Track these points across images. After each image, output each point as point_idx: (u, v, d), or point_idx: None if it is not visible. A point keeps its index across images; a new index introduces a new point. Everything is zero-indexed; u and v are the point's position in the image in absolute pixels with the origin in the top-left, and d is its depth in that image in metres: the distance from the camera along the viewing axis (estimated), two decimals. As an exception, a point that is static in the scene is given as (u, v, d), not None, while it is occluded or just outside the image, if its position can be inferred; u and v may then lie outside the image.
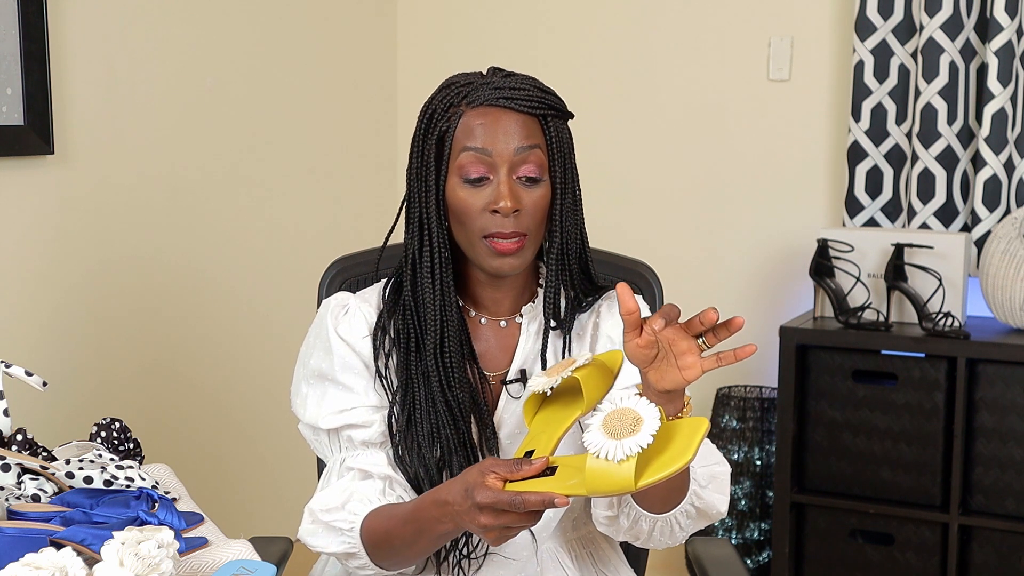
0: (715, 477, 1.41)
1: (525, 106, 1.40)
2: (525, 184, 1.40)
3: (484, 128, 1.39)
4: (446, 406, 1.43)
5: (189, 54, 2.77)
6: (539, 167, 1.41)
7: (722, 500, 1.41)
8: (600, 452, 1.14)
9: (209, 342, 2.88)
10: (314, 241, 3.16)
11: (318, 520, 1.42)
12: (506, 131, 1.39)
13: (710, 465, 1.41)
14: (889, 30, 2.91)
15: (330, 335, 1.47)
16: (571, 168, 1.45)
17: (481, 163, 1.39)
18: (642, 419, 1.14)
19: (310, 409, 1.47)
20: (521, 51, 3.37)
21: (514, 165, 1.40)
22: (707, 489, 1.39)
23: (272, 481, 3.08)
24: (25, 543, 1.25)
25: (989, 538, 2.65)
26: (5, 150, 2.30)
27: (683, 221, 3.26)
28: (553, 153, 1.42)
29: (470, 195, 1.40)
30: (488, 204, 1.39)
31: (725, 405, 3.02)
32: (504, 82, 1.42)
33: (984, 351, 2.63)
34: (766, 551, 2.97)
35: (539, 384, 1.32)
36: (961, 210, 2.89)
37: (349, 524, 1.40)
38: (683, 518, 1.39)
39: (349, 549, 1.40)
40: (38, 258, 2.43)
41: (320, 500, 1.43)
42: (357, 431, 1.45)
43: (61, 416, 2.40)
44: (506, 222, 1.39)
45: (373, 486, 1.42)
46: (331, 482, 1.46)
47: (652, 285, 1.72)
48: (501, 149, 1.39)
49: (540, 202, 1.41)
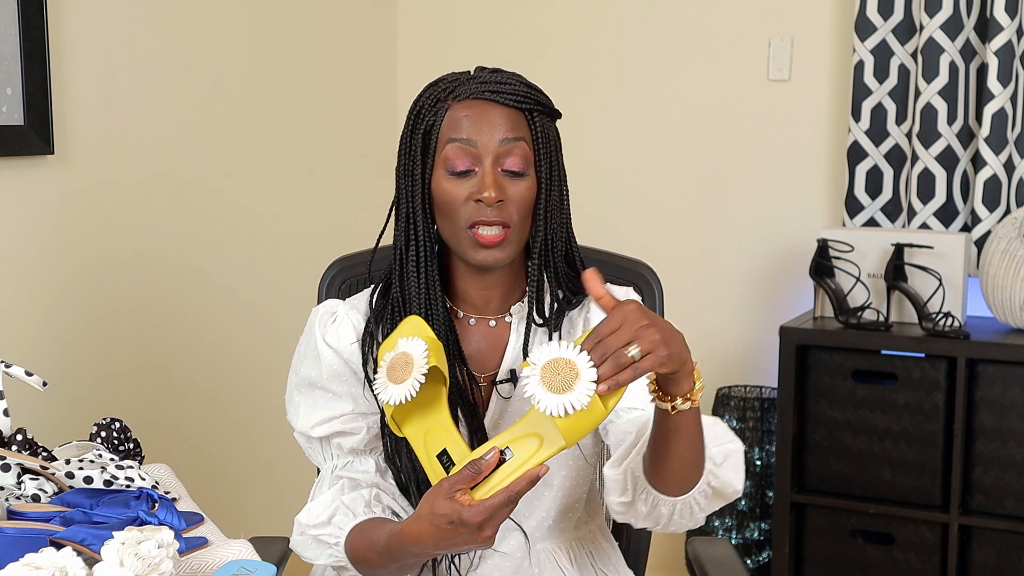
0: (730, 455, 1.39)
1: (511, 99, 1.42)
2: (509, 176, 1.41)
3: (470, 120, 1.41)
4: None
5: (189, 54, 2.77)
6: (524, 160, 1.41)
7: (738, 478, 1.40)
8: (565, 408, 1.16)
9: (209, 342, 2.88)
10: (314, 241, 3.16)
11: (306, 534, 1.45)
12: (491, 123, 1.40)
13: (724, 443, 1.39)
14: (889, 30, 2.91)
15: (318, 344, 1.48)
16: (557, 165, 1.46)
17: (466, 155, 1.40)
18: (574, 363, 1.17)
19: (301, 418, 1.49)
20: (521, 51, 3.37)
21: (499, 156, 1.40)
22: (723, 467, 1.38)
23: (272, 481, 3.08)
24: (25, 543, 1.25)
25: (989, 538, 2.65)
26: (5, 150, 2.30)
27: (683, 221, 3.26)
28: (539, 148, 1.43)
29: (455, 186, 1.41)
30: (472, 194, 1.40)
31: (725, 405, 3.02)
32: (491, 77, 1.44)
33: (984, 351, 2.63)
34: (766, 551, 2.97)
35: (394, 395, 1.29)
36: (961, 210, 2.89)
37: (335, 539, 1.42)
38: (702, 499, 1.38)
39: (337, 562, 1.43)
40: (38, 258, 2.43)
41: (308, 514, 1.45)
42: (345, 439, 1.47)
43: (61, 416, 2.40)
44: (489, 211, 1.39)
45: (360, 497, 1.44)
46: (321, 491, 1.48)
47: (652, 285, 1.72)
48: (486, 140, 1.40)
49: (524, 195, 1.42)
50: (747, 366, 3.19)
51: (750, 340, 3.19)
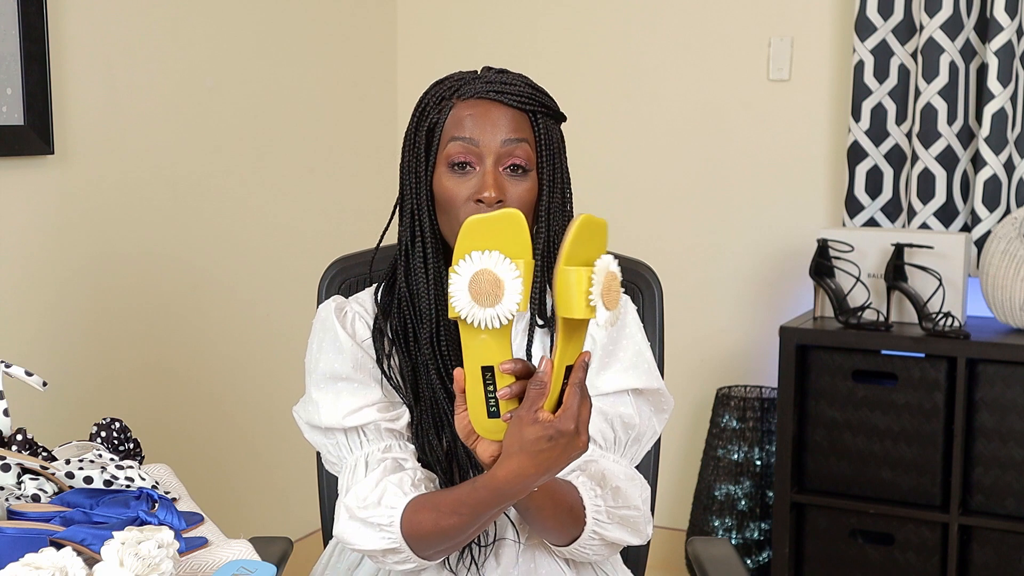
0: (624, 519, 1.43)
1: (515, 100, 1.42)
2: (511, 176, 1.41)
3: (473, 119, 1.41)
4: (446, 394, 1.43)
5: (189, 54, 2.77)
6: (526, 160, 1.42)
7: (628, 536, 1.44)
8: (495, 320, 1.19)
9: (209, 342, 2.88)
10: (314, 241, 3.16)
11: (355, 517, 1.39)
12: (494, 123, 1.41)
13: (621, 507, 1.43)
14: (889, 30, 2.91)
15: (339, 335, 1.46)
16: (560, 168, 1.46)
17: (468, 153, 1.41)
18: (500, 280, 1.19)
19: (324, 413, 1.45)
20: (521, 51, 3.37)
21: (500, 157, 1.41)
22: (611, 527, 1.42)
23: (272, 481, 3.08)
24: (25, 543, 1.25)
25: (989, 538, 2.65)
26: (5, 150, 2.30)
27: (683, 221, 3.26)
28: (541, 149, 1.43)
29: (456, 184, 1.41)
30: (473, 194, 1.40)
31: (725, 405, 3.02)
32: (496, 77, 1.44)
33: (984, 351, 2.63)
34: (766, 551, 2.97)
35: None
36: (961, 210, 2.89)
37: (388, 519, 1.37)
38: (589, 549, 1.43)
39: (389, 545, 1.38)
40: (38, 258, 2.43)
41: (355, 496, 1.40)
42: (386, 422, 1.44)
43: (61, 416, 2.40)
44: (489, 211, 1.39)
45: (406, 478, 1.40)
46: (359, 477, 1.42)
47: (652, 285, 1.72)
48: (488, 140, 1.40)
49: (525, 195, 1.42)
50: (747, 366, 3.19)
51: (750, 340, 3.20)
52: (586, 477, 1.42)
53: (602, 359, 1.49)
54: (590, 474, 1.42)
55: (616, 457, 1.47)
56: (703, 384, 3.23)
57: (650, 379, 1.50)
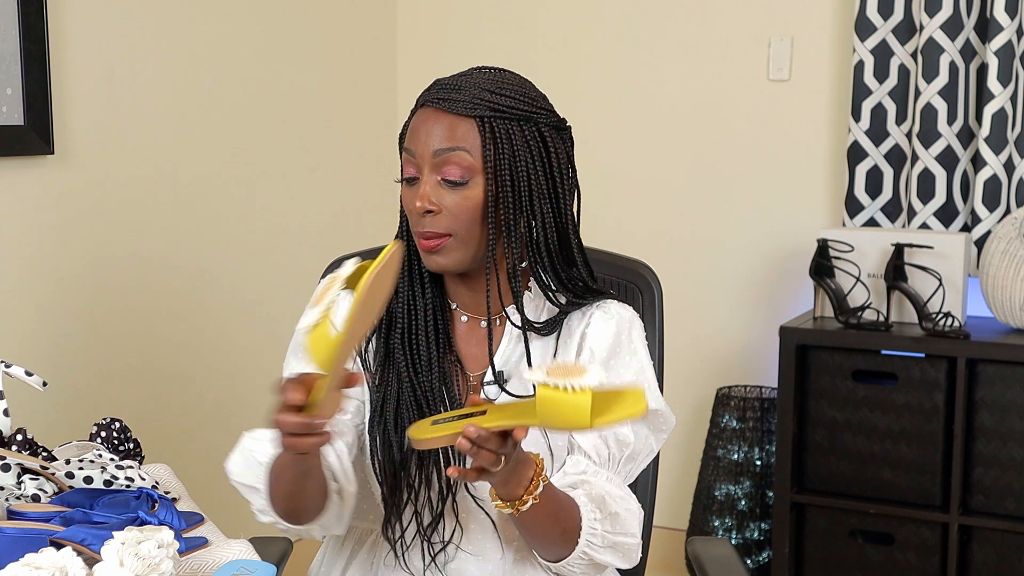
0: (616, 544, 1.43)
1: (456, 107, 1.40)
2: (448, 186, 1.40)
3: (414, 129, 1.43)
4: (411, 389, 1.43)
5: (189, 54, 2.77)
6: (462, 169, 1.39)
7: (621, 559, 1.44)
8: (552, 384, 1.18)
9: (209, 342, 2.88)
10: (314, 240, 3.15)
11: (243, 445, 1.47)
12: (428, 132, 1.40)
13: (615, 534, 1.42)
14: (889, 30, 2.91)
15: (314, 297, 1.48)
16: (521, 171, 1.41)
17: (411, 164, 1.42)
18: (585, 369, 1.19)
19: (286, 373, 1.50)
20: (521, 51, 3.37)
21: (434, 166, 1.40)
22: (603, 550, 1.42)
23: (272, 481, 3.07)
24: (25, 543, 1.25)
25: (989, 538, 2.65)
26: (5, 150, 2.30)
27: (683, 221, 3.26)
28: (490, 155, 1.39)
29: (407, 194, 1.44)
30: (417, 206, 1.41)
31: (725, 405, 3.02)
32: (448, 82, 1.43)
33: (984, 351, 2.63)
34: (766, 551, 2.97)
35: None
36: (961, 210, 2.89)
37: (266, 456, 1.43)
38: (578, 569, 1.43)
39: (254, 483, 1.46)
40: (38, 258, 2.43)
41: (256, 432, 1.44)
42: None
43: (61, 416, 2.40)
44: (423, 221, 1.40)
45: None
46: None
47: (652, 285, 1.72)
48: (422, 150, 1.41)
49: (464, 204, 1.40)
50: (747, 366, 3.19)
51: (750, 340, 3.19)
52: (587, 499, 1.40)
53: None
54: (591, 496, 1.40)
55: (610, 474, 1.44)
56: (703, 384, 3.23)
57: (650, 399, 1.49)
